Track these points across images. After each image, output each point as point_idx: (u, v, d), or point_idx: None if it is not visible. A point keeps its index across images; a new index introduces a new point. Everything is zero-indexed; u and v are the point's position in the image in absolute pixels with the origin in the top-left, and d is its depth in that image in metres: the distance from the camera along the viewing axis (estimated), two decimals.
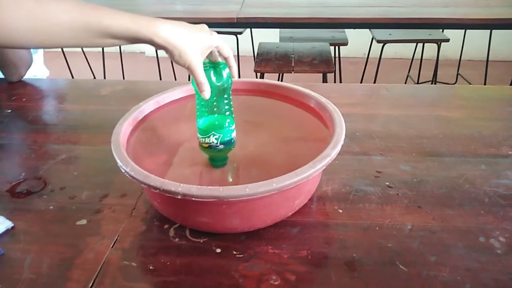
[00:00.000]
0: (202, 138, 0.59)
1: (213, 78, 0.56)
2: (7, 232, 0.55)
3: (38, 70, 1.21)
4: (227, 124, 0.60)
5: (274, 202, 0.51)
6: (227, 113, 0.60)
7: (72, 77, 2.57)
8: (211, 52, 0.57)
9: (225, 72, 0.57)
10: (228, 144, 0.60)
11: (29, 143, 0.77)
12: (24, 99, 0.94)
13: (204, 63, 0.55)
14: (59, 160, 0.71)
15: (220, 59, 0.58)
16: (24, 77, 1.04)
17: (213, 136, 0.59)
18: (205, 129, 0.59)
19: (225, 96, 0.59)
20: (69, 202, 0.60)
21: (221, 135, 0.59)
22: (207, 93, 0.54)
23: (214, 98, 0.57)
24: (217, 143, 0.59)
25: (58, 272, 0.49)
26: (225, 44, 0.57)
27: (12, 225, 0.56)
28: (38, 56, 1.20)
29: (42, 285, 0.47)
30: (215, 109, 0.59)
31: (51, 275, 0.48)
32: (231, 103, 0.60)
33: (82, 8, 0.47)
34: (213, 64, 0.58)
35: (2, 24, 0.43)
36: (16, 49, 0.95)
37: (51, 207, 0.59)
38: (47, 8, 0.46)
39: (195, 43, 0.53)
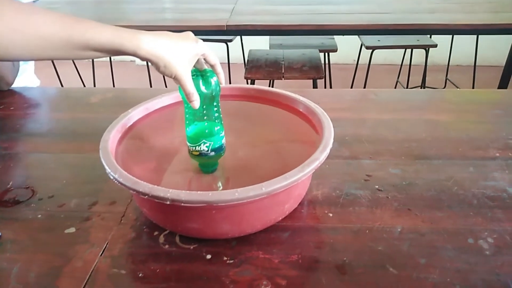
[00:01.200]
0: (192, 146, 0.59)
1: (202, 87, 0.56)
2: None
3: (28, 80, 1.20)
4: (217, 131, 0.59)
5: (264, 207, 0.51)
6: (217, 120, 0.60)
7: (62, 86, 2.56)
8: (197, 60, 0.57)
9: (213, 80, 0.57)
10: (219, 150, 0.60)
11: (17, 151, 0.76)
12: (12, 108, 0.94)
13: (191, 72, 0.55)
14: (47, 168, 0.70)
15: (206, 67, 0.58)
16: (14, 87, 1.04)
17: (204, 144, 0.58)
18: (195, 137, 0.59)
19: (214, 103, 0.59)
20: (58, 211, 0.60)
21: (212, 143, 0.59)
22: (196, 103, 0.54)
23: (204, 107, 0.57)
24: (208, 151, 0.59)
25: (46, 281, 0.48)
26: (211, 51, 0.57)
27: None
28: (29, 66, 1.19)
29: None
30: (205, 117, 0.59)
31: (39, 284, 0.48)
32: (220, 109, 0.60)
33: (64, 20, 0.47)
34: (200, 72, 0.58)
35: None
36: None
37: (39, 216, 0.59)
38: (29, 20, 0.45)
39: (181, 53, 0.52)
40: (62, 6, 2.16)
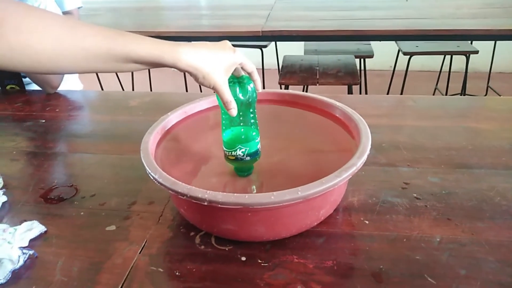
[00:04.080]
0: (228, 151, 0.60)
1: (239, 94, 0.57)
2: (40, 236, 0.57)
3: (72, 85, 1.26)
4: (253, 137, 0.60)
5: (299, 211, 0.51)
6: (253, 126, 0.60)
7: (102, 90, 2.65)
8: (235, 68, 0.57)
9: (249, 87, 0.58)
10: (254, 155, 0.61)
11: (62, 151, 0.80)
12: (57, 110, 0.98)
13: (228, 78, 0.56)
14: (89, 168, 0.73)
15: (243, 73, 0.59)
16: (59, 90, 1.09)
17: (240, 150, 0.59)
18: (231, 142, 0.60)
19: (251, 110, 0.60)
20: (99, 209, 0.62)
21: (248, 148, 0.59)
22: (234, 111, 0.55)
23: (240, 113, 0.58)
24: (243, 156, 0.60)
25: (88, 275, 0.50)
26: (248, 60, 0.57)
27: (45, 229, 0.58)
28: None
29: None
30: (241, 123, 0.60)
31: (81, 278, 0.50)
32: (256, 115, 0.61)
33: (106, 33, 0.49)
34: (237, 78, 0.59)
35: (28, 48, 0.44)
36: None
37: (82, 213, 0.61)
38: (73, 32, 0.47)
39: (218, 64, 0.53)
40: (104, 13, 2.25)
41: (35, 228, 0.57)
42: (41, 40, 0.45)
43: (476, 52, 2.06)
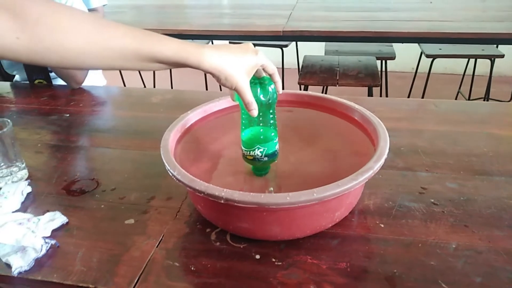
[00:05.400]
0: (247, 151, 0.61)
1: (260, 95, 0.58)
2: (62, 226, 0.59)
3: (96, 80, 1.29)
4: (271, 137, 0.61)
5: (315, 212, 0.51)
6: (272, 126, 0.61)
7: (125, 86, 2.70)
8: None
9: (270, 88, 0.59)
10: (272, 156, 0.62)
11: (84, 145, 0.82)
12: (81, 105, 1.01)
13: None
14: (111, 162, 0.75)
15: (264, 74, 0.60)
16: (83, 85, 1.12)
17: (258, 150, 0.60)
18: (250, 142, 0.60)
19: (270, 111, 0.60)
20: (119, 202, 0.64)
21: (266, 149, 0.60)
22: (255, 112, 0.56)
23: (260, 113, 0.59)
24: (261, 156, 0.60)
25: (107, 267, 0.52)
26: (269, 62, 0.58)
27: (67, 220, 0.60)
28: None
29: (92, 278, 0.50)
30: (260, 123, 0.60)
31: (101, 269, 0.51)
32: (275, 116, 0.61)
33: (134, 34, 0.50)
34: (258, 79, 0.59)
35: (60, 46, 0.46)
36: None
37: (102, 206, 0.63)
38: (103, 33, 0.48)
39: (240, 65, 0.54)
40: (127, 10, 2.29)
41: (57, 218, 0.59)
42: (72, 39, 0.46)
43: (502, 56, 2.01)
